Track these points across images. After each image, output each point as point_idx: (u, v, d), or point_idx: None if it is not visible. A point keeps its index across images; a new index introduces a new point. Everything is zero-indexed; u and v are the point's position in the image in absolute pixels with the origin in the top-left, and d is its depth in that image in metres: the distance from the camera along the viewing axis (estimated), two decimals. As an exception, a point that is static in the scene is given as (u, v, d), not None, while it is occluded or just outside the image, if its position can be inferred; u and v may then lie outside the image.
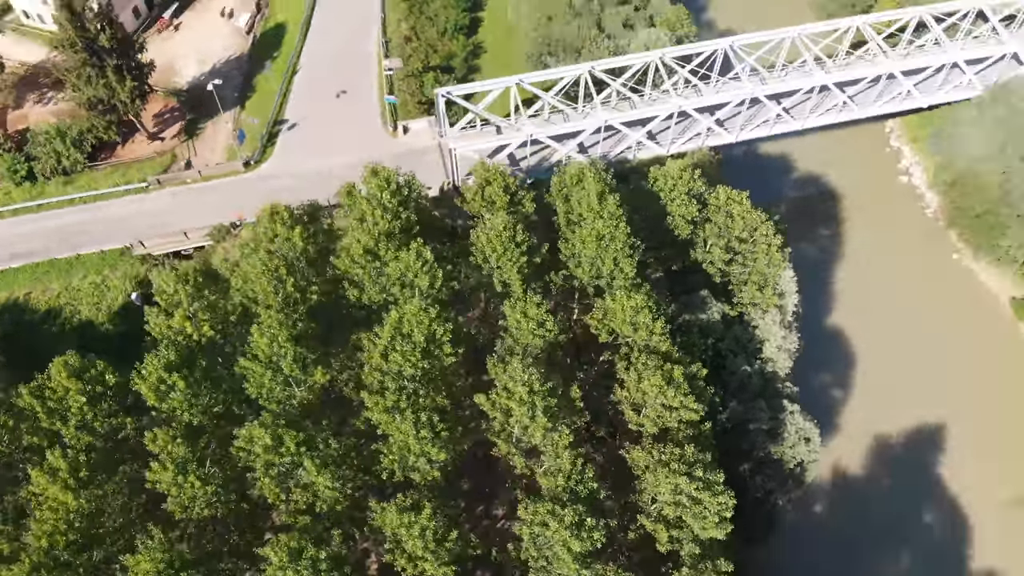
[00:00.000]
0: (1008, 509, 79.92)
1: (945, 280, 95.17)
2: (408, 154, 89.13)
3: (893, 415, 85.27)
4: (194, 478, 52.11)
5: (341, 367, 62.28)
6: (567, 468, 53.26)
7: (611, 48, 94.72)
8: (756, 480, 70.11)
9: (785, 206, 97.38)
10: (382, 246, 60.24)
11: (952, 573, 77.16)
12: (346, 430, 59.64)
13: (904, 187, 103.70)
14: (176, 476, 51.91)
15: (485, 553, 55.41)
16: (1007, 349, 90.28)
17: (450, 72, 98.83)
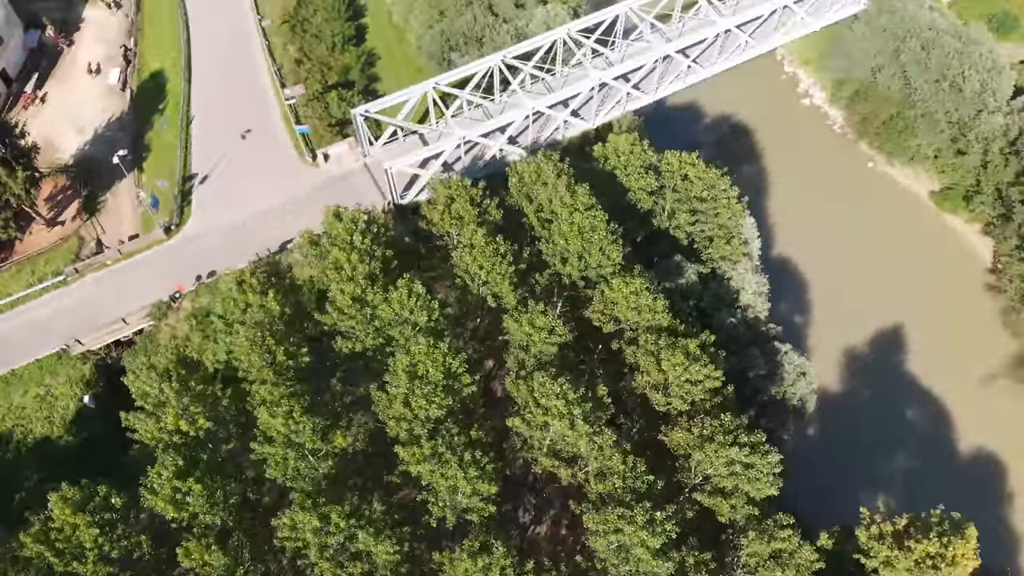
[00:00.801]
0: (979, 388, 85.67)
1: (867, 189, 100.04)
2: (334, 182, 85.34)
3: (856, 327, 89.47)
4: (245, 583, 48.66)
5: (354, 424, 59.34)
6: (620, 468, 52.87)
7: (511, 31, 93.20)
8: (761, 424, 72.07)
9: (704, 151, 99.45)
10: (368, 291, 57.35)
11: (948, 460, 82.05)
12: (381, 486, 57.08)
13: (808, 109, 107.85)
14: (225, 587, 48.30)
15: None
16: (937, 239, 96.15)
17: (351, 87, 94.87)
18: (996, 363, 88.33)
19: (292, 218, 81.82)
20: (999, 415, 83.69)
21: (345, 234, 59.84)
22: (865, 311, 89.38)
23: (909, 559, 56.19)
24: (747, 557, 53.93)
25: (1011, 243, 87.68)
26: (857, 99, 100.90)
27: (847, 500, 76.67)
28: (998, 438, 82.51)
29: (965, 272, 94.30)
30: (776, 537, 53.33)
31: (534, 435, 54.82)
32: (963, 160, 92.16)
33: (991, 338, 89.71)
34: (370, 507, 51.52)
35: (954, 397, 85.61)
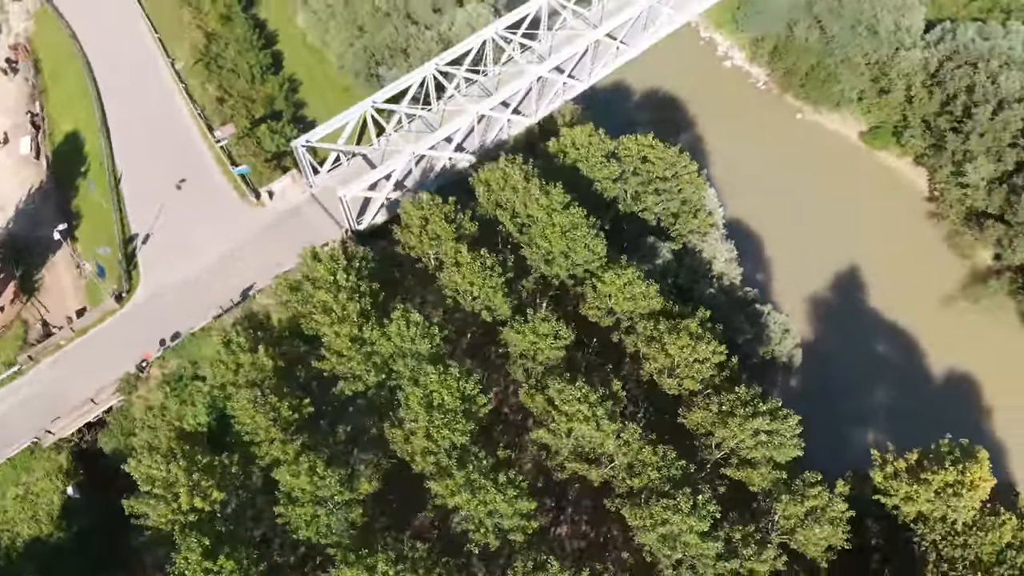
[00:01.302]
0: (940, 312, 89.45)
1: (800, 139, 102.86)
2: (283, 218, 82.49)
3: (816, 274, 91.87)
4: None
5: (369, 465, 57.62)
6: (652, 459, 53.03)
7: (435, 38, 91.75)
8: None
9: (642, 129, 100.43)
10: (365, 328, 55.68)
11: (927, 386, 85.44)
12: (409, 523, 55.78)
13: (730, 71, 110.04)
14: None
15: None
16: (874, 176, 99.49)
17: (279, 118, 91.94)
18: (950, 285, 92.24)
19: (247, 264, 78.88)
20: (963, 334, 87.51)
21: (327, 274, 57.85)
22: (821, 256, 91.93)
23: (929, 491, 58.32)
24: (783, 520, 54.93)
25: (946, 170, 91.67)
26: (777, 55, 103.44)
27: (843, 444, 79.60)
28: (967, 356, 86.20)
29: (906, 204, 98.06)
30: (808, 496, 54.45)
31: (560, 443, 54.41)
32: (887, 98, 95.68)
33: (942, 262, 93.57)
34: (412, 548, 50.23)
35: (920, 325, 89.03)
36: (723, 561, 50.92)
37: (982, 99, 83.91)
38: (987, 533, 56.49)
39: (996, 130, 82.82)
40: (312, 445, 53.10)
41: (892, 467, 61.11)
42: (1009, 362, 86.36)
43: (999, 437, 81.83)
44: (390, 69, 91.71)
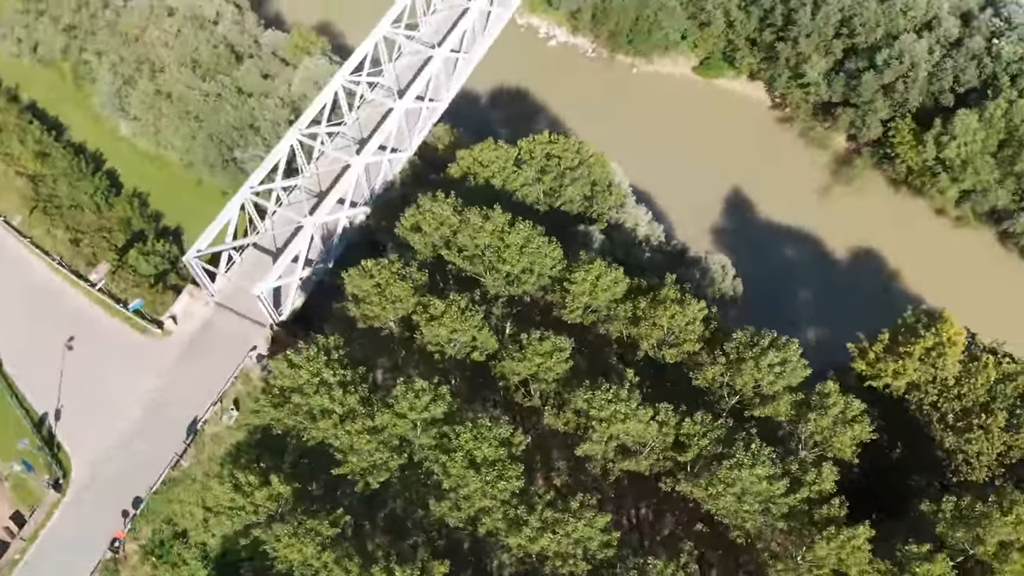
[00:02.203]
0: (823, 202, 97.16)
1: (643, 90, 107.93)
2: (197, 338, 76.77)
3: (712, 206, 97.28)
4: None
5: (430, 546, 55.13)
6: (697, 429, 54.30)
7: (279, 103, 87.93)
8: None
9: (506, 128, 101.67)
10: (376, 416, 53.06)
11: (838, 271, 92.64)
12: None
13: (558, 48, 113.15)
14: None
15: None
16: (718, 103, 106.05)
17: (144, 238, 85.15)
18: (822, 176, 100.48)
19: (179, 399, 73.00)
20: (849, 216, 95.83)
21: (311, 376, 54.40)
22: (710, 190, 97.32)
23: (913, 361, 63.48)
24: (817, 436, 57.83)
25: (783, 77, 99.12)
26: (597, 21, 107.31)
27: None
28: (862, 233, 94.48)
29: (756, 118, 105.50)
30: (829, 405, 57.52)
31: (606, 448, 54.49)
32: (709, 30, 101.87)
33: (806, 159, 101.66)
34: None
35: (812, 220, 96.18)
36: (791, 495, 53.02)
37: (798, 3, 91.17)
38: (975, 378, 62.29)
39: (819, 27, 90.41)
40: (368, 554, 50.05)
41: (872, 353, 65.85)
42: (896, 225, 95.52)
43: (914, 293, 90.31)
44: (244, 149, 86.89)
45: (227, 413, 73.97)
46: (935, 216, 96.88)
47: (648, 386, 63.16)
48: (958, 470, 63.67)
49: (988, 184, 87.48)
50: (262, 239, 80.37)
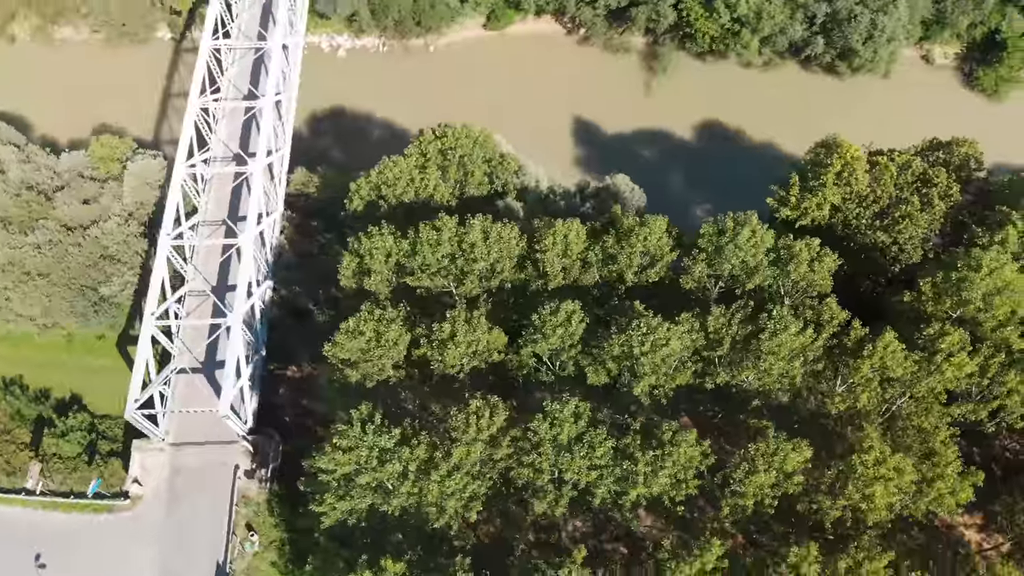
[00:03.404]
0: (655, 98, 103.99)
1: (451, 60, 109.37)
2: (172, 489, 70.68)
3: (565, 138, 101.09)
4: None
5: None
6: (723, 321, 58.11)
7: (121, 213, 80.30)
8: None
9: (342, 153, 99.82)
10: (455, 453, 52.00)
11: (699, 150, 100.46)
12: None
13: (347, 56, 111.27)
14: None
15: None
16: (528, 49, 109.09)
17: (48, 422, 75.64)
18: (638, 74, 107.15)
19: (188, 553, 67.26)
20: (679, 97, 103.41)
21: (369, 450, 52.04)
22: (561, 125, 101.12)
23: (830, 187, 70.78)
24: (798, 283, 63.52)
25: (571, 5, 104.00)
26: (377, 16, 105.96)
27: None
28: (700, 107, 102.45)
29: (560, 49, 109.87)
30: (798, 252, 63.10)
31: (658, 377, 57.00)
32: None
33: (619, 65, 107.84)
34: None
35: (652, 115, 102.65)
36: (819, 338, 58.34)
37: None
38: (882, 179, 70.63)
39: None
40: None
41: (792, 196, 72.68)
42: (722, 91, 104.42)
43: (769, 140, 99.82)
44: (109, 283, 78.56)
45: (248, 542, 68.88)
46: (745, 70, 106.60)
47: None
48: (897, 260, 72.36)
49: (783, 23, 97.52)
50: (181, 362, 74.03)
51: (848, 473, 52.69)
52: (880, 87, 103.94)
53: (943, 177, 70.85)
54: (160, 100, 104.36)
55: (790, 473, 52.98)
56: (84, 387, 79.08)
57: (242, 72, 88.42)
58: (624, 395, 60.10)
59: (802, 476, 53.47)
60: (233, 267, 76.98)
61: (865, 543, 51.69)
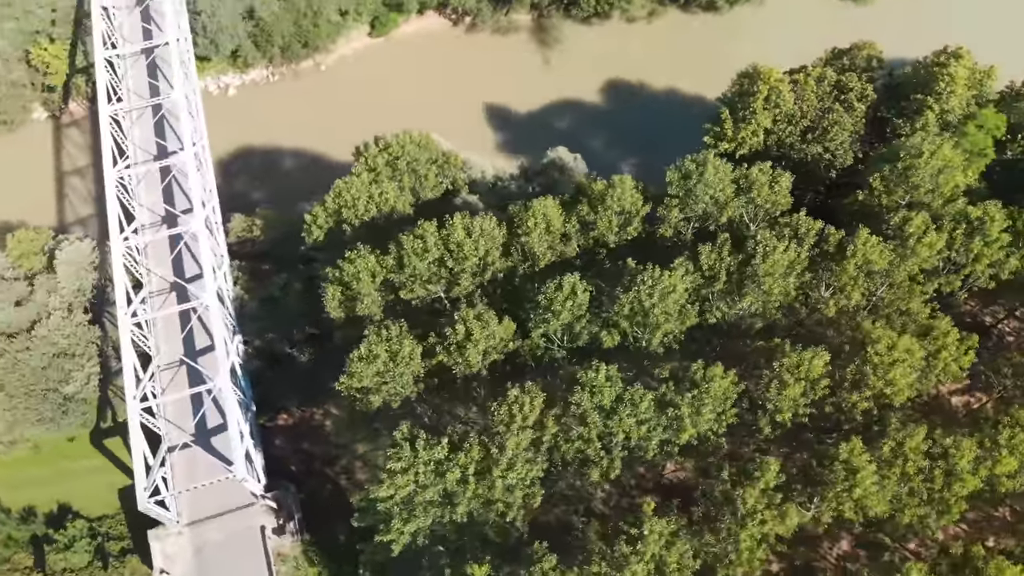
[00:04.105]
0: (554, 66, 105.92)
1: (344, 74, 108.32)
2: (202, 569, 68.05)
3: (485, 125, 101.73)
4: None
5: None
6: (715, 256, 60.52)
7: (61, 305, 75.60)
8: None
9: (261, 193, 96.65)
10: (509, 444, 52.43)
11: (617, 103, 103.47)
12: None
13: (239, 94, 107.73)
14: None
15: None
16: (429, 48, 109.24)
17: (46, 540, 71.11)
18: (537, 50, 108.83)
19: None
20: (583, 63, 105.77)
21: (426, 466, 51.79)
22: (477, 112, 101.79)
23: (761, 112, 74.47)
24: (762, 207, 66.92)
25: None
26: (261, 48, 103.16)
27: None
28: (606, 69, 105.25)
29: (453, 41, 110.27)
30: (755, 178, 66.45)
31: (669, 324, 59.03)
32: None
33: (514, 45, 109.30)
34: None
35: (562, 84, 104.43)
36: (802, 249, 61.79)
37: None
38: (805, 93, 74.90)
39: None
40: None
41: (727, 130, 76.17)
42: (617, 49, 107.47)
43: (675, 85, 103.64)
44: (69, 380, 73.98)
45: (298, 598, 66.96)
46: (631, 25, 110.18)
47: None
48: (831, 166, 77.12)
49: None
50: (172, 439, 70.76)
51: (866, 365, 56.16)
52: (759, 14, 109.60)
53: (856, 81, 75.79)
54: (55, 182, 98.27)
55: (815, 380, 55.97)
56: (70, 494, 74.71)
57: (146, 133, 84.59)
58: (635, 352, 61.88)
59: (826, 379, 56.57)
60: (197, 332, 73.82)
61: (897, 424, 55.41)
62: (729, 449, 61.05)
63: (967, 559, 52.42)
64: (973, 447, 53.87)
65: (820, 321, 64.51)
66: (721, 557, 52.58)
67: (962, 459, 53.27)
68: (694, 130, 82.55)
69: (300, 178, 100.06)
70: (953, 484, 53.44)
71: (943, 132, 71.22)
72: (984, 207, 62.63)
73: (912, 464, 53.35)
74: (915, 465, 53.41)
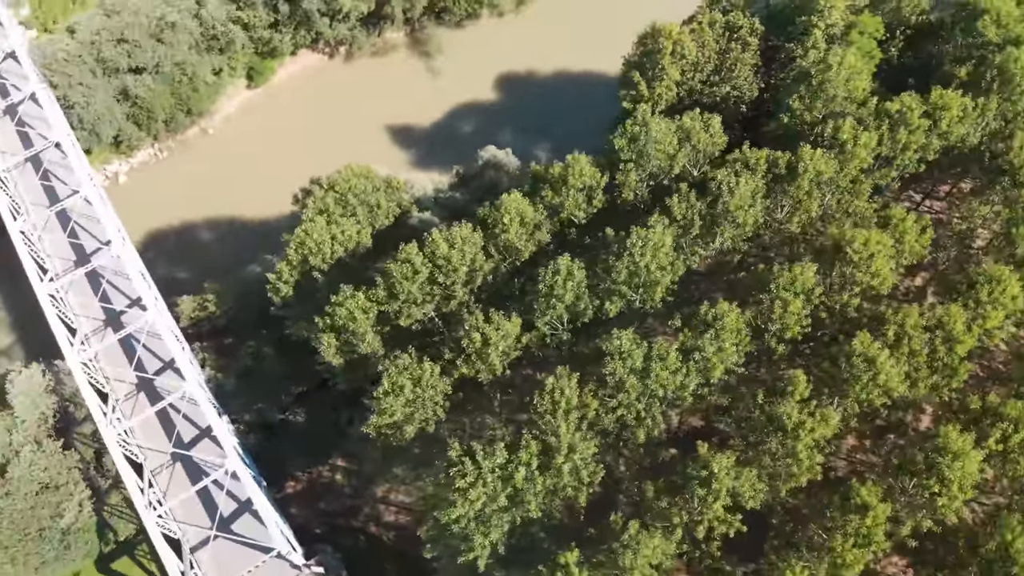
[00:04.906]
0: (447, 72, 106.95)
1: (234, 132, 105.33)
2: None
3: (391, 148, 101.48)
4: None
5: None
6: (685, 204, 63.38)
7: (27, 435, 70.20)
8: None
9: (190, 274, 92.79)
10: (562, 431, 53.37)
11: (534, 95, 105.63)
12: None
13: (131, 178, 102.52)
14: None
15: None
16: (296, 92, 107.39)
17: None
18: (420, 61, 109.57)
19: None
20: (463, 74, 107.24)
21: (491, 469, 51.89)
22: (382, 141, 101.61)
23: (670, 65, 77.91)
24: (705, 152, 70.65)
25: (316, 28, 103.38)
26: (141, 126, 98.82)
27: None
28: (498, 65, 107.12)
29: (339, 76, 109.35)
30: (699, 131, 69.83)
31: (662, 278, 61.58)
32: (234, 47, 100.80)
33: (400, 62, 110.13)
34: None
35: (457, 94, 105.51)
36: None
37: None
38: (709, 36, 79.02)
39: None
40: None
41: (643, 91, 79.43)
42: (493, 40, 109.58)
43: (571, 65, 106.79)
44: (61, 512, 68.90)
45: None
46: (501, 19, 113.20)
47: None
48: (740, 101, 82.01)
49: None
50: (191, 539, 67.42)
51: (848, 266, 60.45)
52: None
53: (743, 18, 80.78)
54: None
55: (810, 290, 59.76)
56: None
57: (58, 239, 79.57)
58: (633, 316, 64.15)
59: (819, 288, 60.49)
60: (182, 426, 70.53)
61: (890, 311, 59.95)
62: (748, 378, 64.00)
63: (985, 409, 57.49)
64: (961, 311, 58.97)
65: (784, 240, 68.90)
66: (778, 475, 55.33)
67: (956, 323, 58.19)
68: (591, 104, 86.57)
69: (222, 247, 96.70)
70: (954, 348, 58.32)
71: (831, 46, 77.14)
72: (900, 99, 68.36)
73: (916, 340, 57.85)
74: (919, 340, 57.95)
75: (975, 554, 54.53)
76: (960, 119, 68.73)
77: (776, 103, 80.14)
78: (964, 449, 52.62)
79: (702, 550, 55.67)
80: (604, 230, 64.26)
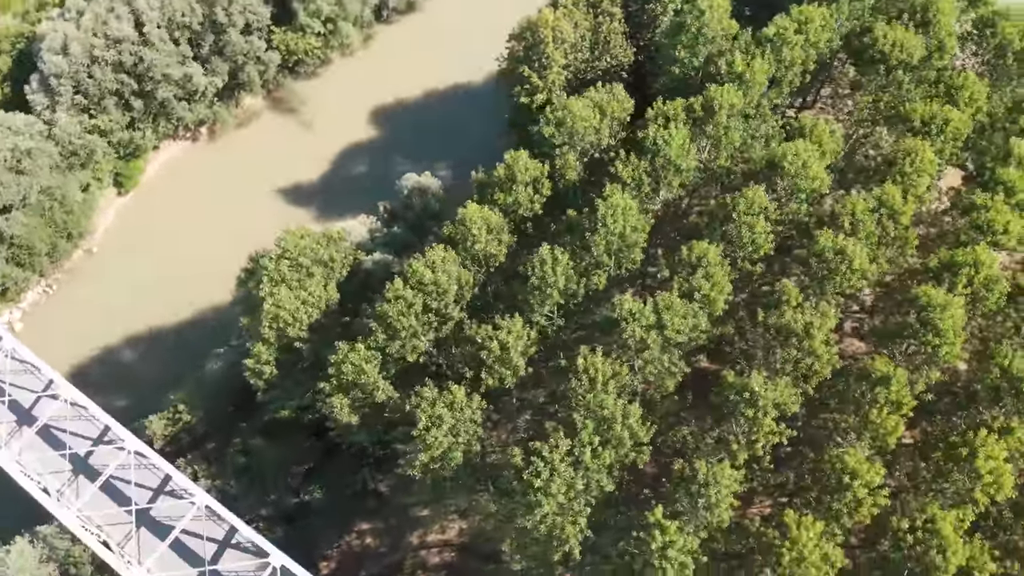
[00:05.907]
0: (321, 123, 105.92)
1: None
2: None
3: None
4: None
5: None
6: (637, 170, 66.70)
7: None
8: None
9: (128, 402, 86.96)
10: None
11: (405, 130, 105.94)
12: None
13: (26, 327, 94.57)
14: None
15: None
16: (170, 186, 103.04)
17: None
18: (298, 123, 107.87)
19: None
20: (338, 121, 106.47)
21: (561, 471, 52.73)
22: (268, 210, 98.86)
23: (549, 46, 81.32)
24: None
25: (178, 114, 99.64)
26: (25, 265, 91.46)
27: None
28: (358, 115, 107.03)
29: (208, 156, 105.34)
30: (612, 104, 73.48)
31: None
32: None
33: (278, 127, 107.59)
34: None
35: (340, 140, 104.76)
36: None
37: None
38: (581, 16, 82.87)
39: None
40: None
41: (536, 84, 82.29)
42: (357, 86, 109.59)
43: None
44: None
45: None
46: (351, 58, 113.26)
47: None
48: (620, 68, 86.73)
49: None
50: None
51: (788, 177, 65.82)
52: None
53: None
54: None
55: (765, 207, 64.48)
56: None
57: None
58: (612, 284, 66.90)
59: (772, 204, 65.50)
60: (204, 548, 66.16)
61: (839, 204, 65.63)
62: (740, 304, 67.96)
63: (943, 264, 64.02)
64: (894, 187, 65.54)
65: (714, 178, 74.00)
66: (800, 377, 59.27)
67: (894, 198, 64.49)
68: (474, 112, 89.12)
69: (147, 364, 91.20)
70: (899, 219, 64.66)
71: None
72: (775, 22, 74.62)
73: (868, 222, 63.62)
74: (870, 221, 63.74)
75: (974, 398, 60.67)
76: (823, 27, 76.10)
77: (653, 62, 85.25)
78: (948, 300, 58.61)
79: (758, 466, 58.68)
80: (565, 213, 66.39)
